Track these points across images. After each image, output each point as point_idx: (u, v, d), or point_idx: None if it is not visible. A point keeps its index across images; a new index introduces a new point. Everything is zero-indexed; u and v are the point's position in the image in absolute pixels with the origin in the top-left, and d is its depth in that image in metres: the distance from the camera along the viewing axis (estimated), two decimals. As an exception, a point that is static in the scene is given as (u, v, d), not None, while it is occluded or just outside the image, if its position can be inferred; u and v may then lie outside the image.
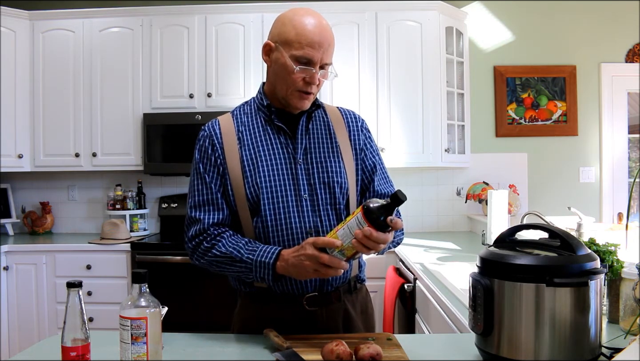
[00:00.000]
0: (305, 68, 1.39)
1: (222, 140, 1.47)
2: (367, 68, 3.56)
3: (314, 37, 1.38)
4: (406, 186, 3.81)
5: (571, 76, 3.88)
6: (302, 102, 1.45)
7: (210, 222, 1.44)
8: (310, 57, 1.38)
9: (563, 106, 3.89)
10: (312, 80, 1.40)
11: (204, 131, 1.50)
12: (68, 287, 1.07)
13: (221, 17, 3.60)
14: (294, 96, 1.44)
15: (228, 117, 1.52)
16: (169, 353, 1.25)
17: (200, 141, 1.49)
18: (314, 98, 1.48)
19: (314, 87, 1.42)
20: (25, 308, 3.38)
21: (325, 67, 1.42)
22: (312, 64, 1.39)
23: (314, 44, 1.38)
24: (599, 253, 1.38)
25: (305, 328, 1.41)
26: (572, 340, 1.06)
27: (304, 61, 1.39)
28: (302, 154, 1.47)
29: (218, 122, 1.50)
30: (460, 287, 1.99)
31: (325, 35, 1.40)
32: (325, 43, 1.39)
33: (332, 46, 1.42)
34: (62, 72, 3.67)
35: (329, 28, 1.43)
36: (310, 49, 1.38)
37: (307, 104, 1.46)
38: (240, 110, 1.54)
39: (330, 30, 1.43)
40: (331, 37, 1.42)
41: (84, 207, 4.03)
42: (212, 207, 1.45)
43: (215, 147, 1.46)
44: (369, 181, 1.55)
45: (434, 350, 1.32)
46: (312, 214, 1.44)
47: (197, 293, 3.24)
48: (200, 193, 1.46)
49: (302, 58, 1.38)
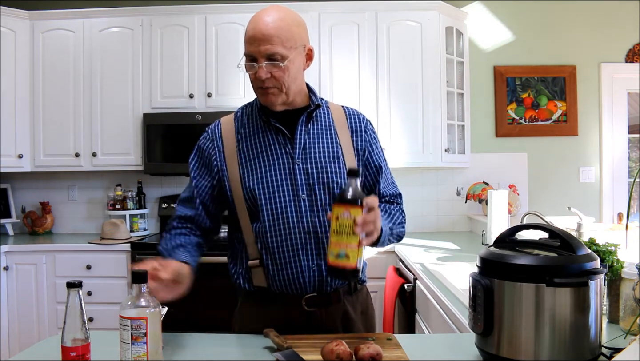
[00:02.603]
0: (250, 64, 1.40)
1: (222, 142, 1.49)
2: (367, 68, 3.56)
3: (249, 32, 1.39)
4: (406, 186, 3.81)
5: (571, 76, 3.88)
6: (265, 97, 1.44)
7: (180, 215, 1.51)
8: (250, 53, 1.39)
9: (563, 106, 3.89)
10: (258, 75, 1.39)
11: (206, 133, 1.54)
12: (68, 287, 1.07)
13: (221, 17, 3.60)
14: (258, 93, 1.46)
15: (230, 118, 1.54)
16: (169, 353, 1.25)
17: (200, 142, 1.54)
18: (279, 92, 1.42)
19: (269, 80, 1.39)
20: (25, 308, 3.38)
21: (274, 57, 1.37)
22: (255, 59, 1.39)
23: (250, 39, 1.39)
24: (599, 253, 1.38)
25: (304, 328, 1.41)
26: (572, 340, 1.06)
27: (250, 58, 1.40)
28: (301, 154, 1.46)
29: (220, 125, 1.53)
30: (460, 287, 1.99)
31: (262, 28, 1.37)
32: (261, 35, 1.36)
33: (279, 36, 1.37)
34: (62, 72, 3.67)
35: (279, 20, 1.38)
36: (249, 45, 1.39)
37: (273, 98, 1.43)
38: (243, 111, 1.55)
39: (280, 22, 1.38)
40: (277, 27, 1.37)
41: (84, 207, 4.03)
42: (188, 204, 1.52)
43: (214, 150, 1.49)
44: (373, 182, 1.55)
45: (434, 350, 1.32)
46: (311, 214, 1.43)
47: (197, 293, 3.22)
48: (185, 191, 1.55)
49: (247, 56, 1.41)
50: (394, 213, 1.53)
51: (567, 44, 3.89)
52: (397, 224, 1.52)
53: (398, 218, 1.54)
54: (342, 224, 1.19)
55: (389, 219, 1.49)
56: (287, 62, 1.38)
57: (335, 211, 1.21)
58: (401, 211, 1.57)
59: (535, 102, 3.89)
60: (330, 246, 1.22)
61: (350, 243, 1.19)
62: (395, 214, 1.54)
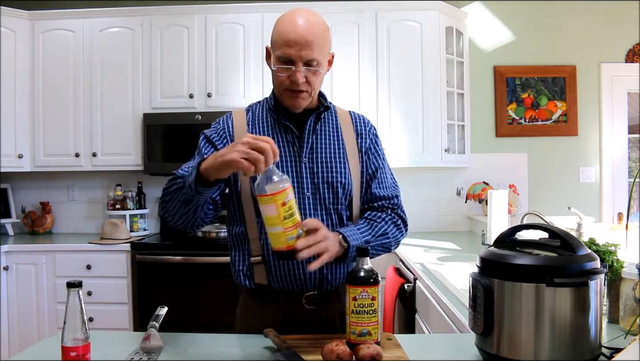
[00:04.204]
0: (286, 67, 1.40)
1: (233, 134, 1.50)
2: (367, 68, 3.56)
3: (289, 35, 1.37)
4: (406, 186, 3.80)
5: (571, 76, 3.88)
6: (294, 100, 1.44)
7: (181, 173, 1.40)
8: (288, 56, 1.38)
9: (563, 106, 3.89)
10: (294, 78, 1.39)
11: (218, 123, 1.54)
12: (68, 287, 1.07)
13: (221, 17, 3.60)
14: (285, 95, 1.45)
15: (242, 112, 1.55)
16: (169, 353, 1.25)
17: (211, 128, 1.53)
18: (309, 96, 1.45)
19: (303, 85, 1.40)
20: (25, 308, 3.38)
21: (311, 64, 1.39)
22: (293, 62, 1.39)
23: (290, 42, 1.37)
24: (599, 253, 1.38)
25: (304, 326, 1.42)
26: (572, 340, 1.06)
27: (285, 60, 1.39)
28: (308, 153, 1.48)
29: (231, 117, 1.54)
30: (460, 287, 1.99)
31: (303, 32, 1.37)
32: (303, 40, 1.36)
33: (317, 43, 1.38)
34: (62, 72, 3.67)
35: (316, 25, 1.40)
36: (287, 47, 1.38)
37: (302, 102, 1.45)
38: (254, 108, 1.57)
39: (317, 27, 1.40)
40: (315, 34, 1.38)
41: (84, 207, 4.03)
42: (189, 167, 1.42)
43: (226, 139, 1.49)
44: (368, 184, 1.55)
45: (434, 350, 1.32)
46: (314, 212, 1.45)
47: (197, 293, 3.24)
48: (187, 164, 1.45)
49: (282, 57, 1.39)
50: (377, 225, 1.50)
51: (567, 44, 3.89)
52: (378, 236, 1.48)
53: (383, 228, 1.50)
54: (362, 304, 1.22)
55: (369, 232, 1.46)
56: (322, 68, 1.42)
57: (351, 292, 1.22)
58: (393, 219, 1.54)
59: (535, 102, 3.89)
60: (349, 326, 1.23)
61: (371, 320, 1.23)
62: (379, 224, 1.50)
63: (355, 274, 1.24)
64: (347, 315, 1.24)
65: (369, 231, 1.47)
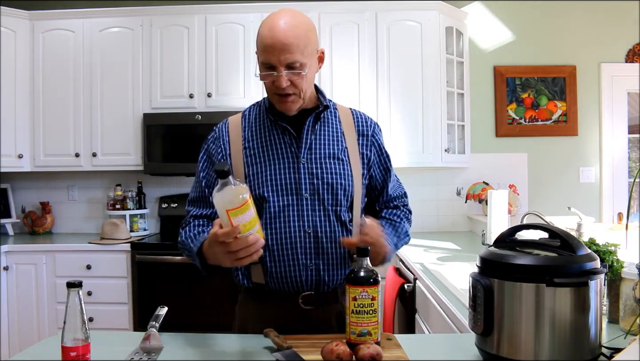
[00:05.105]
0: (268, 73, 1.39)
1: (229, 141, 1.50)
2: (367, 68, 3.56)
3: (267, 40, 1.36)
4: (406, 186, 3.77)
5: (571, 76, 3.88)
6: (283, 105, 1.43)
7: (194, 214, 1.50)
8: (269, 61, 1.37)
9: (563, 106, 3.89)
10: (278, 83, 1.37)
11: (214, 132, 1.54)
12: (68, 287, 1.07)
13: (221, 17, 3.60)
14: (274, 100, 1.45)
15: (238, 117, 1.55)
16: (169, 353, 1.25)
17: (208, 141, 1.54)
18: (298, 98, 1.43)
19: (288, 88, 1.38)
20: (25, 308, 3.38)
21: (293, 66, 1.36)
22: (274, 67, 1.37)
23: (268, 48, 1.36)
24: (599, 253, 1.38)
25: (301, 326, 1.42)
26: (572, 340, 1.06)
27: (267, 66, 1.38)
28: (307, 154, 1.47)
29: (227, 124, 1.54)
30: (460, 287, 1.99)
31: (280, 37, 1.34)
32: (280, 44, 1.34)
33: (297, 45, 1.35)
34: (62, 72, 3.67)
35: (294, 27, 1.36)
36: (267, 53, 1.37)
37: (291, 105, 1.43)
38: (251, 110, 1.56)
39: (296, 29, 1.36)
40: (295, 36, 1.35)
41: (84, 207, 4.03)
42: (200, 203, 1.51)
43: (220, 148, 1.49)
44: (381, 186, 1.58)
45: (434, 350, 1.32)
46: (312, 213, 1.44)
47: (197, 293, 3.24)
48: (194, 190, 1.54)
49: (264, 63, 1.39)
50: (398, 225, 1.56)
51: (567, 44, 3.89)
52: (403, 236, 1.56)
53: (405, 228, 1.58)
54: (362, 304, 1.21)
55: (395, 234, 1.52)
56: (306, 69, 1.39)
57: (351, 292, 1.22)
58: (407, 215, 1.62)
59: (535, 102, 3.89)
60: (349, 325, 1.23)
61: (371, 320, 1.22)
62: (400, 224, 1.57)
63: (355, 274, 1.23)
64: (347, 315, 1.24)
65: (394, 233, 1.52)
